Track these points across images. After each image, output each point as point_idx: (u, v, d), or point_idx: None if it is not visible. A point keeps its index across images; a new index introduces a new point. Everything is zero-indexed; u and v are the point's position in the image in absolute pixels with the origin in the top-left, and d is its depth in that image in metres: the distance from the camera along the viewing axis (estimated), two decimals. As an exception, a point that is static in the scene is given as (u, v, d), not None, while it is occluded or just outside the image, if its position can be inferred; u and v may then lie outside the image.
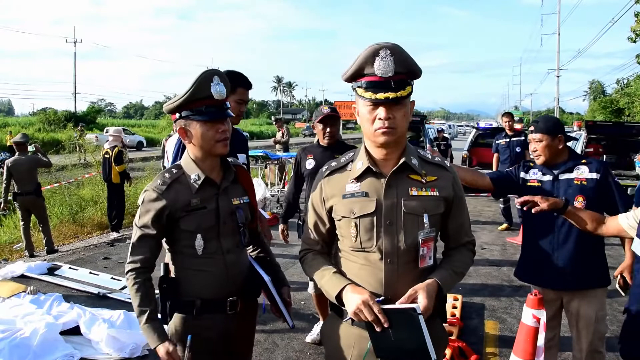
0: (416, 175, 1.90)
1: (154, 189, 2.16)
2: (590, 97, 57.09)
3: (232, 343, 2.30)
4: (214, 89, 2.13)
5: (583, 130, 13.30)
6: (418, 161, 1.93)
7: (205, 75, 2.14)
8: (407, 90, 1.81)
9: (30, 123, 41.64)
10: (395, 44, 1.79)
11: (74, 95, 51.90)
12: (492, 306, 5.47)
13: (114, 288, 5.95)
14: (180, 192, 2.17)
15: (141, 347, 4.28)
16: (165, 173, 2.22)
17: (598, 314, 3.09)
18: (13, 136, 23.66)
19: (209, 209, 2.19)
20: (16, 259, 7.73)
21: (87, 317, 4.60)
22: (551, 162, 3.14)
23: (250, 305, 2.34)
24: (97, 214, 10.24)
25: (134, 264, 2.15)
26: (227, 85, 2.21)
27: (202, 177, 2.20)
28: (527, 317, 2.99)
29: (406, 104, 1.83)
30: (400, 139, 1.88)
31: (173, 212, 2.15)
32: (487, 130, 14.46)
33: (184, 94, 2.13)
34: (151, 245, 2.17)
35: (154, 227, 2.14)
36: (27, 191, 7.80)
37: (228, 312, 2.23)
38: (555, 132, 3.10)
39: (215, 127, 2.16)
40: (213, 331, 2.21)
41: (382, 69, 1.77)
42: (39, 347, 4.13)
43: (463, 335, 4.61)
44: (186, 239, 2.18)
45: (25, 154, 8.03)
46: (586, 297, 3.09)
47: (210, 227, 2.19)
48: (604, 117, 36.36)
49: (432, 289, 1.80)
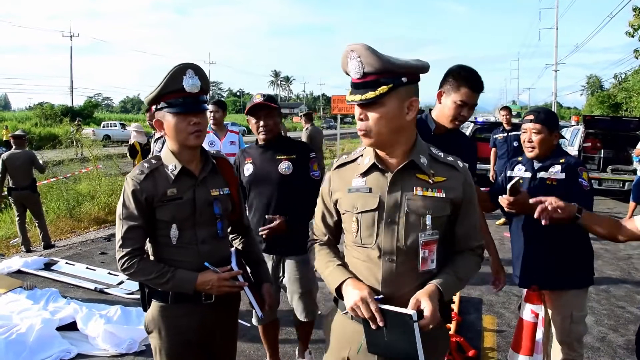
0: (423, 175, 1.84)
1: (133, 178, 2.21)
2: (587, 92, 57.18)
3: (210, 334, 2.31)
4: (186, 82, 2.16)
5: (581, 125, 13.31)
6: (428, 159, 1.86)
7: (178, 69, 2.17)
8: (380, 91, 1.71)
9: (26, 118, 41.52)
10: (363, 45, 1.73)
11: (71, 90, 51.84)
12: (489, 301, 5.47)
13: (110, 283, 5.93)
14: (158, 182, 2.21)
15: (138, 342, 4.27)
16: (144, 163, 2.26)
17: (574, 314, 3.02)
18: (9, 131, 23.62)
19: (185, 199, 2.23)
20: (13, 254, 7.71)
21: (84, 313, 4.58)
22: (542, 157, 3.05)
23: (229, 297, 2.34)
24: (94, 209, 10.20)
25: (126, 255, 2.16)
26: (204, 79, 2.23)
27: (179, 167, 2.24)
28: (526, 312, 2.98)
29: (385, 104, 1.74)
30: (391, 139, 1.80)
31: (150, 201, 2.18)
32: (485, 125, 14.43)
33: (157, 86, 2.18)
34: (139, 235, 2.20)
35: (139, 215, 2.17)
36: (21, 186, 7.77)
37: (204, 302, 2.25)
38: (554, 127, 3.05)
39: (187, 119, 2.18)
40: (189, 320, 2.25)
41: (353, 70, 1.76)
42: (36, 343, 4.11)
43: (461, 330, 4.61)
44: (162, 228, 2.22)
45: (22, 148, 7.99)
46: (561, 297, 3.02)
47: (185, 217, 2.22)
48: (601, 112, 36.34)
49: (433, 296, 1.76)
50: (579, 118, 16.62)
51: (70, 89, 51.82)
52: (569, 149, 12.96)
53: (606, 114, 33.16)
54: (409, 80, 1.75)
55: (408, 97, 1.77)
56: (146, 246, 2.30)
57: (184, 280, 2.17)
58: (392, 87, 1.72)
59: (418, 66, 1.78)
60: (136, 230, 2.18)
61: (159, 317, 2.26)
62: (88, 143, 14.94)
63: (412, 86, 1.78)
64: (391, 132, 1.78)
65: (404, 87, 1.75)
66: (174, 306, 2.24)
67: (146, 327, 2.31)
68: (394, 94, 1.73)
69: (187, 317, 2.25)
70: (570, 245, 2.97)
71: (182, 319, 2.24)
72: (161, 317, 2.25)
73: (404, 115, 1.78)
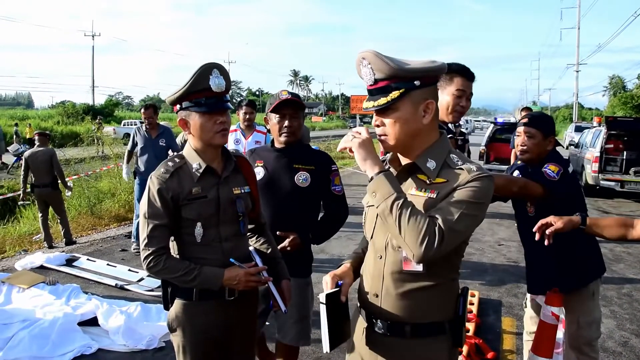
0: (423, 175, 1.77)
1: (158, 177, 2.22)
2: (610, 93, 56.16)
3: (232, 329, 2.34)
4: (212, 81, 2.18)
5: (603, 126, 13.13)
6: (439, 164, 1.76)
7: (205, 68, 2.19)
8: (392, 96, 1.69)
9: (49, 116, 42.11)
10: (372, 51, 1.72)
11: (92, 89, 52.55)
12: (509, 303, 5.42)
13: (131, 280, 5.99)
14: (182, 181, 2.23)
15: (157, 338, 4.30)
16: (168, 162, 2.28)
17: (580, 319, 2.99)
18: (33, 129, 24.01)
19: (209, 197, 2.25)
20: (35, 250, 7.82)
21: (105, 309, 4.64)
22: (535, 162, 3.00)
23: (250, 292, 2.35)
24: (115, 207, 10.31)
25: (152, 254, 2.18)
26: (228, 78, 2.25)
27: (203, 166, 2.26)
28: (546, 314, 2.95)
29: (399, 109, 1.71)
30: (409, 142, 1.76)
31: (176, 200, 2.20)
32: (505, 125, 14.32)
33: (183, 85, 2.19)
34: (165, 234, 2.22)
35: (165, 214, 2.19)
36: (43, 183, 7.88)
37: (227, 298, 2.27)
38: (549, 132, 3.01)
39: (213, 118, 2.20)
40: (212, 317, 2.27)
41: (365, 77, 1.75)
42: (58, 337, 4.18)
43: (480, 332, 4.58)
44: (187, 226, 2.24)
45: (44, 146, 8.11)
46: (567, 302, 2.99)
47: (210, 215, 2.25)
48: (624, 113, 35.77)
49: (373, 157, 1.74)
50: (600, 119, 16.42)
51: (91, 87, 52.54)
52: (591, 151, 12.80)
53: (629, 115, 32.65)
54: (422, 84, 1.71)
55: (423, 100, 1.73)
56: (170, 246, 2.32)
57: (211, 276, 2.19)
58: (404, 92, 1.69)
59: (431, 68, 1.73)
60: (162, 229, 2.20)
61: (182, 314, 2.27)
62: (109, 141, 15.13)
63: (427, 89, 1.73)
64: (408, 136, 1.75)
65: (418, 90, 1.71)
66: (198, 303, 2.26)
67: (169, 325, 2.32)
68: (407, 98, 1.71)
69: (211, 315, 2.26)
70: (568, 248, 2.90)
71: (206, 317, 2.26)
72: (185, 315, 2.27)
73: (419, 118, 1.74)
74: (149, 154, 7.22)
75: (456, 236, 1.65)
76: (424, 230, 1.58)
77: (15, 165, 17.71)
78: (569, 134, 26.05)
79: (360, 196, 10.85)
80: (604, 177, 12.26)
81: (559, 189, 2.84)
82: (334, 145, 27.25)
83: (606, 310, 5.10)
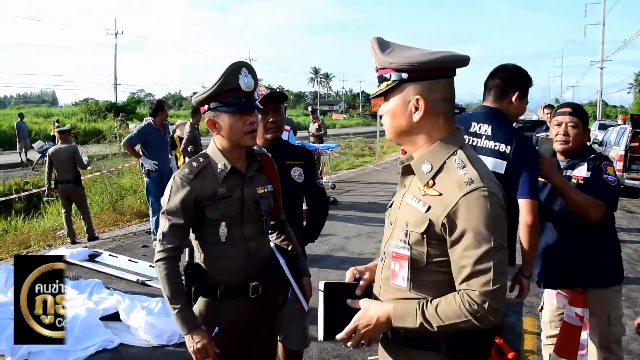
0: (419, 182, 1.61)
1: (182, 177, 2.21)
2: (635, 90, 55.23)
3: (255, 326, 2.34)
4: (242, 80, 2.15)
5: (628, 124, 12.89)
6: (434, 166, 1.58)
7: (234, 67, 2.16)
8: (380, 88, 1.62)
9: (73, 113, 42.65)
10: (374, 38, 1.64)
11: (115, 86, 53.13)
12: (530, 303, 5.33)
13: (152, 276, 6.02)
14: (207, 181, 2.21)
15: (178, 334, 4.33)
16: (192, 162, 2.26)
17: (610, 314, 2.92)
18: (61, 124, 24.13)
19: (234, 197, 2.24)
20: (59, 245, 7.95)
21: (126, 304, 4.68)
22: (572, 153, 2.93)
23: (272, 289, 2.36)
24: (136, 203, 10.42)
25: (163, 253, 2.22)
26: (256, 77, 2.22)
27: (229, 167, 2.24)
28: (570, 315, 2.90)
29: (389, 102, 1.62)
30: (400, 139, 1.67)
31: (200, 200, 2.19)
32: (527, 123, 14.11)
33: (212, 85, 2.16)
34: (180, 234, 2.23)
35: (183, 215, 2.19)
36: (66, 179, 8.00)
37: (250, 296, 2.27)
38: (587, 123, 2.96)
39: (243, 118, 2.18)
40: (236, 314, 2.27)
41: (374, 63, 1.66)
42: (80, 332, 4.23)
43: (501, 332, 4.52)
44: (211, 226, 2.23)
45: (67, 143, 8.22)
46: (595, 296, 2.91)
47: (234, 215, 2.24)
48: (650, 111, 35.13)
49: (377, 313, 1.61)
50: (625, 117, 16.13)
51: (114, 85, 53.14)
52: (615, 149, 12.58)
53: (655, 113, 32.05)
54: (410, 77, 1.56)
55: (413, 95, 1.57)
56: (193, 245, 2.33)
57: (184, 322, 2.17)
58: (391, 84, 1.59)
59: (427, 61, 1.55)
60: (178, 229, 2.20)
61: (206, 312, 2.28)
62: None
63: (419, 83, 1.56)
64: (398, 131, 1.65)
65: (411, 84, 1.57)
66: (221, 301, 2.25)
67: None
68: (398, 91, 1.59)
69: (234, 312, 2.26)
70: (591, 241, 2.86)
71: (230, 314, 2.26)
72: (208, 312, 2.27)
73: (407, 115, 1.59)
74: (161, 151, 7.42)
75: (501, 285, 1.48)
76: (457, 318, 1.48)
77: (39, 161, 17.96)
78: (593, 132, 25.63)
79: (380, 194, 10.86)
80: (628, 176, 12.04)
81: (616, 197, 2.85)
82: (354, 142, 27.25)
83: (630, 311, 5.00)
